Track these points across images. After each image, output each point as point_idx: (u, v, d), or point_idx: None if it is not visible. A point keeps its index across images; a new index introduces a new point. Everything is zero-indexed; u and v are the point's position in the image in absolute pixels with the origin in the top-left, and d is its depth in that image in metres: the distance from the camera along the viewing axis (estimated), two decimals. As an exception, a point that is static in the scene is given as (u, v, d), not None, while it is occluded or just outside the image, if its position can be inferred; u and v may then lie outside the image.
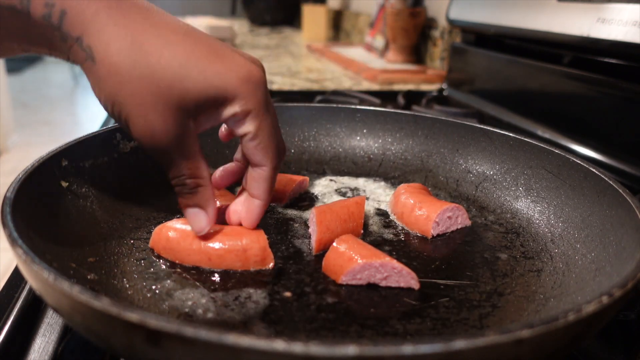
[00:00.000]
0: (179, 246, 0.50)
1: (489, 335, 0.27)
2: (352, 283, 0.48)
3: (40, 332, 0.46)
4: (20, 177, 0.47)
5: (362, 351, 0.26)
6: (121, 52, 0.41)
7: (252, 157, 0.48)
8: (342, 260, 0.48)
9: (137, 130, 0.43)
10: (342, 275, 0.48)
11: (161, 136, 0.43)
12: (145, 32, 0.42)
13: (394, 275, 0.48)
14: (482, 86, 1.25)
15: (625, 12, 0.80)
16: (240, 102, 0.45)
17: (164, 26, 0.43)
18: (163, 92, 0.41)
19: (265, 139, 0.47)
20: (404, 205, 0.61)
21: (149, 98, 0.41)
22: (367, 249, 0.49)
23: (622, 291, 0.33)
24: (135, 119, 0.42)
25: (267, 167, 0.48)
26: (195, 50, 0.43)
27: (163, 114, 0.42)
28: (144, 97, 0.41)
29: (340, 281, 0.48)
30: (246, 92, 0.44)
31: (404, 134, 0.79)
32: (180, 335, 0.27)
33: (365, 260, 0.47)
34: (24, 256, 0.35)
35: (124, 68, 0.41)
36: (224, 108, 0.45)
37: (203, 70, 0.42)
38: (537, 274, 0.52)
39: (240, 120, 0.46)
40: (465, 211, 0.61)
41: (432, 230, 0.58)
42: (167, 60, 0.41)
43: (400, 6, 1.66)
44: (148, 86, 0.41)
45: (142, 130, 0.43)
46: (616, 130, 0.84)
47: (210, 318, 0.44)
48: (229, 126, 0.48)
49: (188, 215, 0.49)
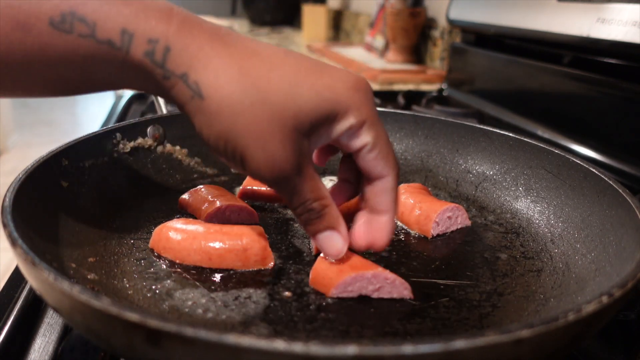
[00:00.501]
0: (179, 246, 0.50)
1: (488, 335, 0.27)
2: (343, 296, 0.46)
3: (40, 332, 0.46)
4: (20, 177, 0.47)
5: (362, 351, 0.26)
6: (231, 83, 0.38)
7: (373, 170, 0.45)
8: (331, 272, 0.46)
9: (256, 163, 0.40)
10: (332, 288, 0.46)
11: (282, 164, 0.40)
12: (249, 59, 0.40)
13: (387, 286, 0.46)
14: (482, 86, 1.25)
15: (625, 12, 0.80)
16: (355, 113, 0.42)
17: (263, 51, 0.41)
18: (278, 115, 0.39)
19: (384, 147, 0.44)
20: (403, 205, 0.61)
21: (265, 125, 0.39)
22: (358, 259, 0.47)
23: (622, 291, 0.33)
24: (253, 152, 0.39)
25: (391, 176, 0.45)
26: (301, 68, 0.41)
27: (282, 140, 0.39)
28: (259, 125, 0.39)
29: (330, 294, 0.46)
30: (359, 102, 0.42)
31: (403, 134, 0.79)
32: (180, 335, 0.27)
33: (356, 272, 0.45)
34: (24, 256, 0.35)
35: (236, 99, 0.38)
36: (337, 122, 0.42)
37: (313, 85, 0.40)
38: (537, 274, 0.52)
39: (355, 132, 0.43)
40: (465, 211, 0.61)
41: (432, 230, 0.58)
42: (277, 82, 0.39)
43: (400, 6, 1.66)
44: (262, 113, 0.39)
45: (263, 161, 0.40)
46: (616, 130, 0.84)
47: (210, 318, 0.44)
48: (343, 142, 0.44)
49: (322, 241, 0.45)
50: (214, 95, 0.38)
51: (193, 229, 0.51)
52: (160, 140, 0.69)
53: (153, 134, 0.68)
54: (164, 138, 0.69)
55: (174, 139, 0.70)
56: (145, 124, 0.67)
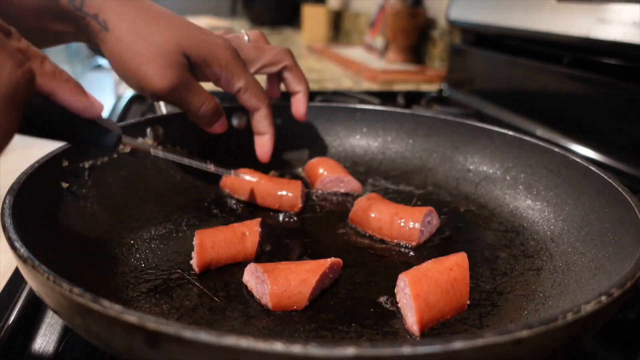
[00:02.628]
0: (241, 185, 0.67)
1: (487, 335, 0.27)
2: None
3: (40, 332, 0.46)
4: (20, 178, 0.47)
5: (361, 352, 0.26)
6: (129, 23, 0.55)
7: (249, 105, 0.64)
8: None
9: (150, 78, 0.55)
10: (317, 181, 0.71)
11: (172, 79, 0.56)
12: (145, 10, 0.56)
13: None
14: (481, 86, 1.25)
15: (625, 13, 0.79)
16: (226, 67, 0.60)
17: (156, 7, 0.58)
18: (163, 49, 0.55)
19: (255, 89, 0.63)
20: (378, 220, 0.59)
21: (152, 53, 0.55)
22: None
23: (621, 291, 0.33)
24: (145, 70, 0.55)
25: (263, 107, 0.64)
26: (185, 24, 0.58)
27: (167, 65, 0.56)
28: (147, 52, 0.55)
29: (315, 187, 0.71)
30: (226, 59, 0.60)
31: (403, 132, 0.79)
32: (179, 337, 0.27)
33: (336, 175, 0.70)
34: (23, 259, 0.35)
35: (132, 32, 0.55)
36: (210, 69, 0.59)
37: (192, 36, 0.58)
38: (537, 272, 0.52)
39: (230, 81, 0.61)
40: (435, 211, 0.60)
41: (419, 239, 0.57)
42: (162, 27, 0.56)
43: (400, 7, 1.65)
44: (150, 45, 0.55)
45: (155, 77, 0.55)
46: (616, 130, 0.84)
47: (210, 319, 0.44)
48: (224, 86, 0.62)
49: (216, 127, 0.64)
50: (115, 29, 0.55)
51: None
52: (160, 140, 0.69)
53: (153, 134, 0.68)
54: (164, 138, 0.69)
55: (174, 139, 0.70)
56: (145, 124, 0.67)
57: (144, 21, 0.55)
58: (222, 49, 0.59)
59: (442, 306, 0.44)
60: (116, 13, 0.55)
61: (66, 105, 0.39)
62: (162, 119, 0.69)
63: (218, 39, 0.59)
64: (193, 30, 0.58)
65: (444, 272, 0.45)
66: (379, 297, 0.48)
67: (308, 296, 0.45)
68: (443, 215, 0.64)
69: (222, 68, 0.59)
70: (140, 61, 0.55)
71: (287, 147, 0.78)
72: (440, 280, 0.44)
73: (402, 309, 0.45)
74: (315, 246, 0.57)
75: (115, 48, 0.55)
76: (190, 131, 0.67)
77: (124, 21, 0.55)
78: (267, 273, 0.45)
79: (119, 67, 0.56)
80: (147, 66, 0.55)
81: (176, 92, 0.57)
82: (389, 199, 0.66)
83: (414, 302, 0.42)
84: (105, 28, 0.55)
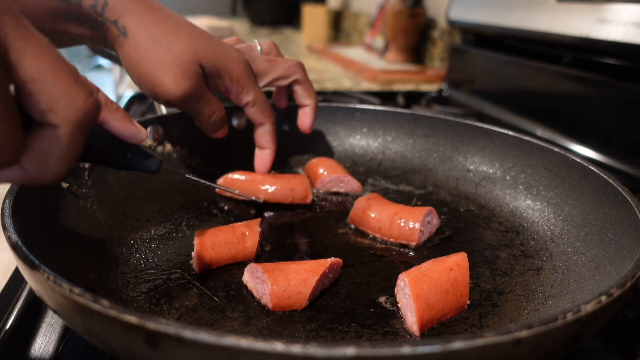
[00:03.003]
0: (246, 182, 0.67)
1: (487, 335, 0.27)
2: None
3: (40, 332, 0.46)
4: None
5: (361, 352, 0.26)
6: (147, 30, 0.56)
7: (255, 119, 0.64)
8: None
9: (165, 86, 0.56)
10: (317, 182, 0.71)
11: (186, 88, 0.57)
12: (164, 19, 0.57)
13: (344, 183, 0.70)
14: (481, 86, 1.25)
15: (625, 13, 0.79)
16: (237, 81, 0.60)
17: (175, 16, 0.59)
18: (180, 58, 0.56)
19: (262, 104, 0.63)
20: (378, 220, 0.59)
21: (169, 61, 0.56)
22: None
23: (621, 291, 0.33)
24: (160, 78, 0.56)
25: (268, 123, 0.65)
26: (202, 34, 0.59)
27: (182, 74, 0.56)
28: (164, 60, 0.56)
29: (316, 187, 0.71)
30: (237, 73, 0.60)
31: (403, 132, 0.79)
32: (179, 337, 0.27)
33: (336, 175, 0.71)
34: (23, 259, 0.35)
35: (150, 40, 0.56)
36: (223, 80, 0.60)
37: (209, 48, 0.59)
38: (537, 272, 0.52)
39: (239, 95, 0.62)
40: (435, 211, 0.60)
41: (419, 239, 0.57)
42: (180, 37, 0.57)
43: (400, 7, 1.65)
44: (167, 53, 0.56)
45: (171, 85, 0.56)
46: (616, 130, 0.84)
47: (210, 319, 0.44)
48: (233, 97, 0.62)
49: (220, 133, 0.64)
50: (134, 35, 0.56)
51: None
52: (160, 140, 0.69)
53: (153, 134, 0.68)
54: (164, 138, 0.69)
55: (174, 139, 0.70)
56: (145, 124, 0.67)
57: (162, 30, 0.56)
58: (236, 62, 0.59)
59: (442, 306, 0.44)
60: (136, 20, 0.56)
61: (116, 132, 0.41)
62: (162, 119, 0.69)
63: (233, 51, 0.60)
64: (210, 42, 0.58)
65: (444, 272, 0.45)
66: (378, 297, 0.48)
67: (308, 296, 0.45)
68: (443, 215, 0.64)
69: (234, 81, 0.60)
70: (156, 68, 0.55)
71: (287, 147, 0.78)
72: (440, 280, 0.44)
73: (402, 309, 0.45)
74: (315, 246, 0.57)
75: (133, 54, 0.56)
76: (191, 131, 0.67)
77: (144, 28, 0.56)
78: (267, 273, 0.45)
79: (135, 72, 0.57)
80: (163, 74, 0.55)
81: (189, 100, 0.57)
82: (389, 199, 0.66)
83: (414, 302, 0.42)
84: (125, 34, 0.55)
